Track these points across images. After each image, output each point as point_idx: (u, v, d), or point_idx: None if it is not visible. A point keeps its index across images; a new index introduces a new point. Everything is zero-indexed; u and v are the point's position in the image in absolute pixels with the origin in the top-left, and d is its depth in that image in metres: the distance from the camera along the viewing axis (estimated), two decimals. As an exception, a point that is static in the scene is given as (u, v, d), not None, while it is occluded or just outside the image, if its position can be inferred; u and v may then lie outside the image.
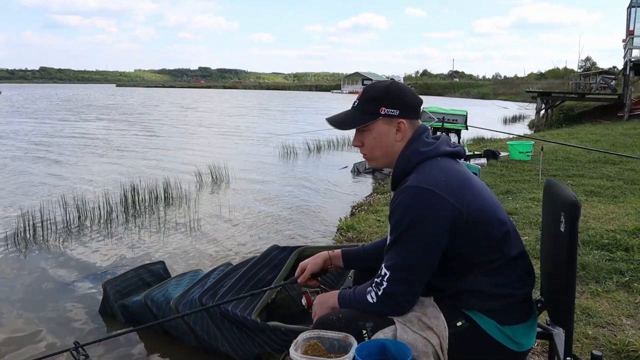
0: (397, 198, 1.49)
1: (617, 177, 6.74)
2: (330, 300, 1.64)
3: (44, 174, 8.65)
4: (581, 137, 12.33)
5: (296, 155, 11.30)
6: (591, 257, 3.55)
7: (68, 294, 3.77)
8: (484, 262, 1.49)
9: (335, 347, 1.45)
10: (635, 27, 18.34)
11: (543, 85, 40.37)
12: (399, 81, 1.67)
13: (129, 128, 18.07)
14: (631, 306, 2.87)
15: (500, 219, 1.52)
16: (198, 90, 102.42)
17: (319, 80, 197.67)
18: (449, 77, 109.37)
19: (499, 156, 8.78)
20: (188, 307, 2.65)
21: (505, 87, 60.38)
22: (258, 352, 2.50)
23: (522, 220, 4.69)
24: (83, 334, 3.08)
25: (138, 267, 3.50)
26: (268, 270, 2.67)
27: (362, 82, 79.36)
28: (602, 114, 19.17)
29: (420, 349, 1.43)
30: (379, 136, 1.58)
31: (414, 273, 1.46)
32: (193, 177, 7.89)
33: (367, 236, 4.51)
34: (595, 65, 52.87)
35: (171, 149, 12.32)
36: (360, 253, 1.90)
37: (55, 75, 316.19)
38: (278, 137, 14.17)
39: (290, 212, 6.21)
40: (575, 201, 1.37)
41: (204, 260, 4.46)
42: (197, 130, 18.11)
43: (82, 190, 6.98)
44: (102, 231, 5.38)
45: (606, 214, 4.82)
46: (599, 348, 2.40)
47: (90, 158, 10.63)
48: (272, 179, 8.53)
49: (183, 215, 5.99)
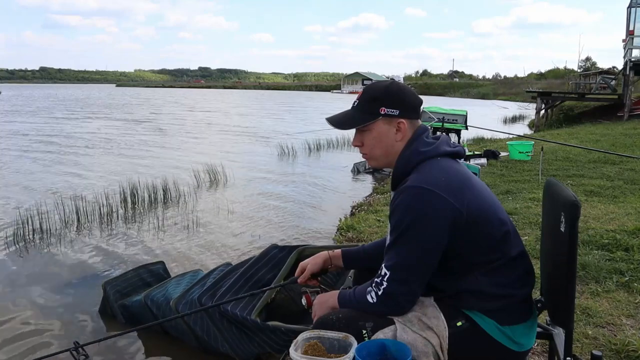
0: (397, 198, 1.49)
1: (617, 177, 6.74)
2: (330, 300, 1.64)
3: (45, 173, 8.65)
4: (581, 137, 12.33)
5: (296, 155, 11.30)
6: (591, 257, 3.55)
7: (68, 294, 3.77)
8: (484, 262, 1.49)
9: (335, 347, 1.45)
10: (635, 27, 18.34)
11: (543, 85, 40.37)
12: (399, 81, 1.67)
13: (129, 127, 18.07)
14: (631, 306, 2.87)
15: (500, 218, 1.52)
16: (198, 90, 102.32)
17: (319, 80, 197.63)
18: (449, 77, 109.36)
19: (499, 156, 8.79)
20: (188, 307, 2.65)
21: (505, 87, 60.37)
22: (258, 352, 2.50)
23: (522, 220, 4.69)
24: (83, 334, 3.08)
25: (138, 267, 3.51)
26: (267, 270, 2.67)
27: (362, 82, 79.38)
28: (602, 114, 19.18)
29: (420, 349, 1.43)
30: (379, 136, 1.58)
31: (414, 273, 1.46)
32: (193, 177, 7.89)
33: (367, 236, 4.51)
34: (595, 65, 52.91)
35: (171, 149, 12.32)
36: (360, 253, 1.90)
37: (55, 75, 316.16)
38: (278, 137, 14.18)
39: (290, 212, 6.21)
40: (575, 201, 1.37)
41: (203, 260, 4.46)
42: (197, 130, 18.10)
43: (82, 190, 6.99)
44: (102, 231, 5.38)
45: (606, 214, 4.82)
46: (599, 348, 2.40)
47: (90, 158, 10.63)
48: (272, 179, 8.53)
49: (183, 215, 6.00)
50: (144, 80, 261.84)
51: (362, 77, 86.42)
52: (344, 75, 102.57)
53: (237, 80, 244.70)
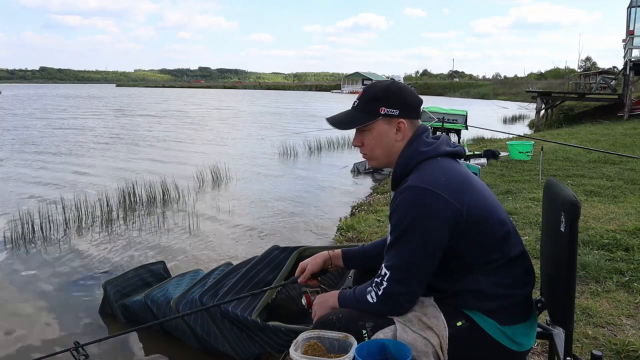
0: (397, 198, 1.49)
1: (617, 177, 6.74)
2: (330, 300, 1.64)
3: (45, 173, 8.65)
4: (581, 137, 12.32)
5: (296, 155, 11.31)
6: (591, 257, 3.55)
7: (68, 294, 3.77)
8: (484, 262, 1.49)
9: (335, 347, 1.45)
10: (635, 27, 18.33)
11: (543, 85, 40.35)
12: (399, 81, 1.67)
13: (130, 127, 18.07)
14: (631, 306, 2.87)
15: (501, 219, 1.52)
16: (198, 90, 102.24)
17: (319, 80, 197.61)
18: (449, 77, 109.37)
19: (499, 156, 8.78)
20: (188, 307, 2.65)
21: (505, 87, 60.39)
22: (258, 352, 2.51)
23: (522, 220, 4.69)
24: (83, 334, 3.08)
25: (138, 267, 3.51)
26: (268, 271, 2.66)
27: (362, 82, 79.38)
28: (602, 114, 19.17)
29: (420, 349, 1.43)
30: (379, 136, 1.58)
31: (414, 273, 1.46)
32: (193, 177, 7.89)
33: (367, 236, 4.51)
34: (595, 65, 52.92)
35: (171, 149, 12.31)
36: (360, 253, 1.90)
37: (55, 75, 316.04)
38: (278, 137, 14.17)
39: (290, 212, 6.21)
40: (575, 201, 1.37)
41: (204, 260, 4.46)
42: (198, 129, 18.10)
43: (83, 190, 6.99)
44: (103, 230, 5.38)
45: (606, 214, 4.82)
46: (599, 348, 2.40)
47: (90, 158, 10.62)
48: (272, 179, 8.53)
49: (183, 215, 6.00)
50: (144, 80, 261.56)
51: (362, 77, 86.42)
52: (344, 75, 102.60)
53: (237, 80, 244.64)
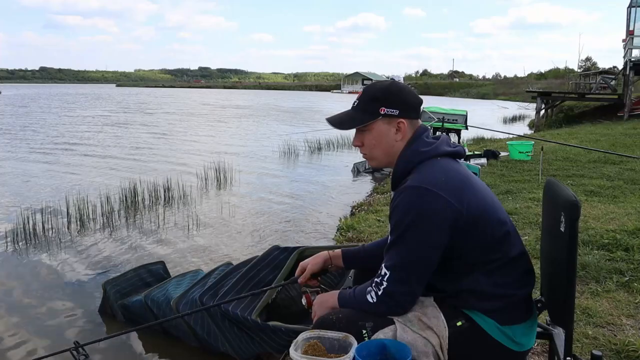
0: (397, 198, 1.49)
1: (617, 177, 6.74)
2: (330, 300, 1.64)
3: (45, 173, 8.65)
4: (581, 137, 12.32)
5: (297, 155, 11.31)
6: (591, 257, 3.55)
7: (68, 293, 3.77)
8: (484, 262, 1.49)
9: (335, 347, 1.45)
10: (635, 27, 18.33)
11: (543, 85, 40.35)
12: (399, 81, 1.67)
13: (131, 127, 18.07)
14: (631, 306, 2.87)
15: (500, 218, 1.52)
16: (198, 90, 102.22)
17: (319, 80, 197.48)
18: (449, 77, 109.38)
19: (499, 156, 8.78)
20: (188, 307, 2.65)
21: (505, 87, 60.35)
22: (258, 352, 2.51)
23: (522, 220, 4.69)
24: (83, 334, 3.08)
25: (138, 267, 3.51)
26: (269, 271, 2.67)
27: (362, 82, 79.36)
28: (602, 114, 19.17)
29: (420, 348, 1.43)
30: (379, 136, 1.58)
31: (414, 273, 1.46)
32: (194, 177, 7.90)
33: (367, 236, 4.51)
34: (595, 65, 52.89)
35: (171, 149, 12.32)
36: (360, 253, 1.90)
37: (55, 75, 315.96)
38: (278, 137, 14.17)
39: (290, 212, 6.21)
40: (575, 201, 1.37)
41: (204, 260, 4.46)
42: (198, 129, 18.10)
43: (83, 190, 6.98)
44: (103, 230, 5.38)
45: (606, 214, 4.82)
46: (599, 348, 2.40)
47: (90, 158, 10.62)
48: (272, 179, 8.54)
49: (183, 215, 6.00)
50: (144, 80, 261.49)
51: (362, 77, 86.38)
52: (344, 75, 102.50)
53: (237, 80, 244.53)
